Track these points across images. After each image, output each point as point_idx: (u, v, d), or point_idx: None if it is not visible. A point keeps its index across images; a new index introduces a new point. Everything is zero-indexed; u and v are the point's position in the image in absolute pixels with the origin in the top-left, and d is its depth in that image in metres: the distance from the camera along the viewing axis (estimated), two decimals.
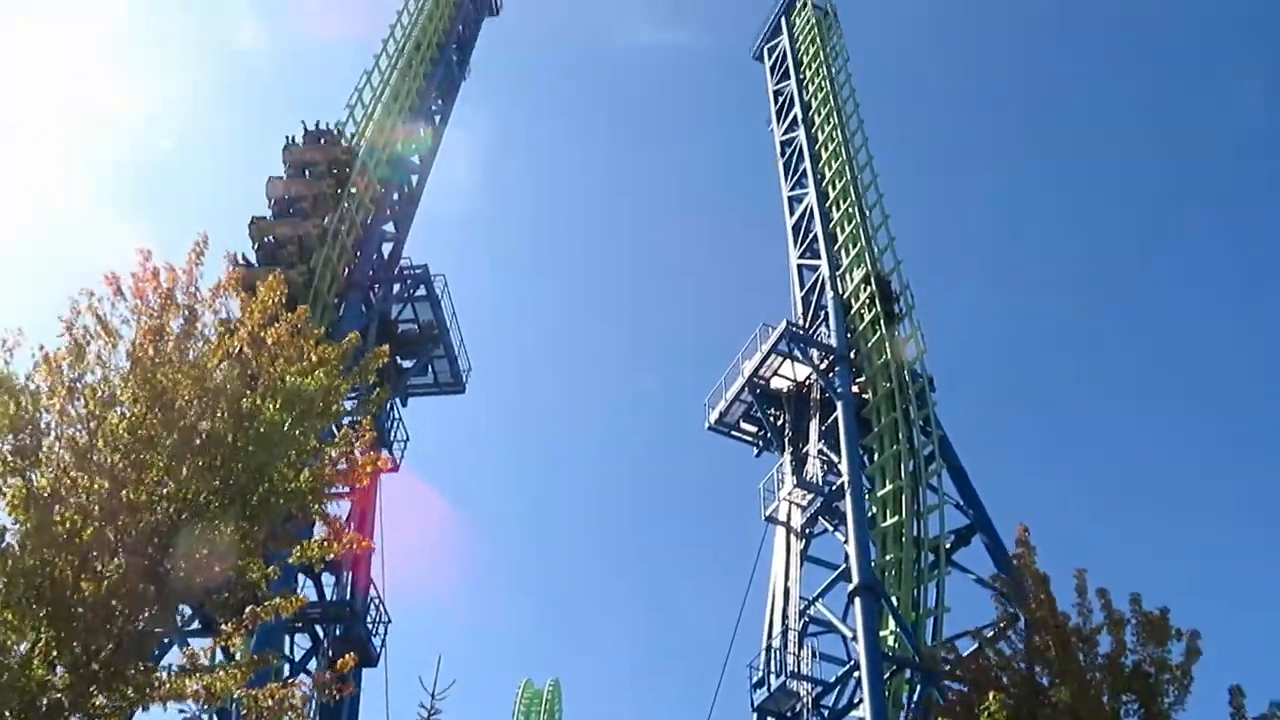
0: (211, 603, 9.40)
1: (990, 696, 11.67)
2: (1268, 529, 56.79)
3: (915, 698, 23.34)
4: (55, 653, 8.04)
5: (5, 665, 7.81)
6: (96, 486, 8.51)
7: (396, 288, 29.93)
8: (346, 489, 10.60)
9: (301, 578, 23.22)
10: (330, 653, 23.36)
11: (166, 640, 14.97)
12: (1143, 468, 61.33)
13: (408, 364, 30.12)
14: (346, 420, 11.94)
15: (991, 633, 14.87)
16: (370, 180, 30.82)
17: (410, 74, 34.20)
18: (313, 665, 23.03)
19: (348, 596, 23.56)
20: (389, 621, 24.16)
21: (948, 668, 23.76)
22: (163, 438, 8.86)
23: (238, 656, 9.86)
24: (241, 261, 27.13)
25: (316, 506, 9.83)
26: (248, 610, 9.52)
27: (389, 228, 32.16)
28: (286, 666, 22.21)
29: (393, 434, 27.37)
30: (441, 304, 29.78)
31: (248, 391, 9.40)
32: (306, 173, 30.00)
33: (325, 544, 9.94)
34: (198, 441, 8.95)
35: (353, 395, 27.87)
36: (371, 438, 10.77)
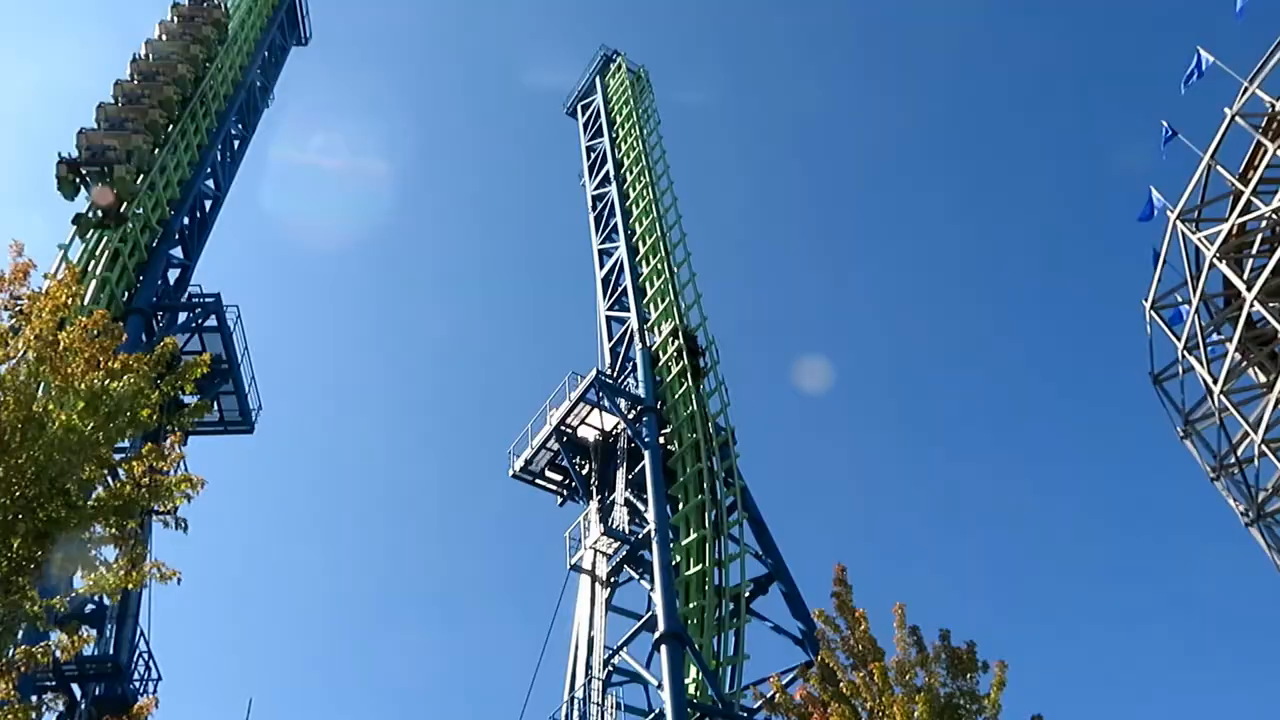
0: None
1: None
2: (1080, 545, 61.19)
3: None
4: None
5: None
6: None
7: (183, 317, 27.84)
8: (152, 511, 9.40)
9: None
10: (88, 715, 20.85)
11: None
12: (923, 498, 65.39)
13: (190, 399, 27.91)
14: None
15: (793, 675, 15.11)
16: (209, 112, 31.69)
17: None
18: None
19: (110, 650, 21.14)
20: (159, 679, 21.88)
21: (746, 714, 24.13)
22: None
23: None
24: (67, 157, 27.25)
25: (114, 529, 8.67)
26: (19, 651, 8.19)
27: (177, 252, 29.96)
28: None
29: (173, 473, 25.08)
30: (234, 337, 27.93)
31: (39, 392, 8.20)
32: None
33: (123, 574, 8.74)
34: None
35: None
36: (180, 456, 9.71)
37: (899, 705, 11.76)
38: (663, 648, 23.73)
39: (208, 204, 32.06)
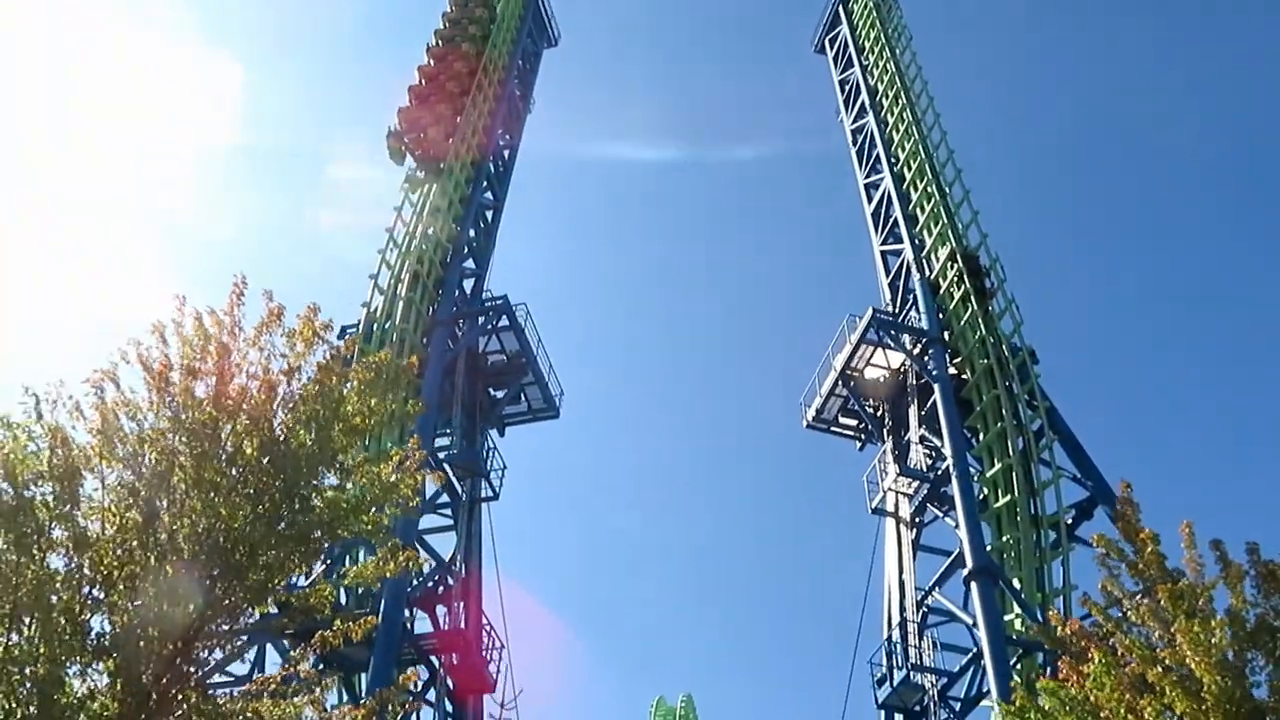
0: (271, 629, 9.54)
1: (1097, 658, 10.94)
2: None
3: None
4: (114, 685, 8.31)
5: (58, 704, 8.09)
6: (134, 524, 8.78)
7: (480, 321, 30.36)
8: (406, 506, 10.57)
9: (416, 610, 23.71)
10: (449, 682, 23.69)
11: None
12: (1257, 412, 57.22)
13: (499, 394, 30.50)
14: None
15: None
16: (477, 130, 34.60)
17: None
18: (431, 695, 23.35)
19: (461, 624, 23.79)
20: (503, 646, 24.29)
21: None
22: (202, 473, 9.08)
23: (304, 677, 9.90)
24: (393, 129, 33.75)
25: (363, 525, 9.85)
26: (316, 635, 9.61)
27: (469, 264, 32.70)
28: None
29: (489, 464, 27.71)
30: (525, 332, 30.05)
31: (276, 415, 9.55)
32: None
33: (379, 565, 9.99)
34: (235, 473, 9.15)
35: (445, 432, 28.42)
36: (422, 456, 10.79)
37: (1185, 632, 10.55)
38: (973, 584, 22.83)
39: (489, 214, 34.65)
